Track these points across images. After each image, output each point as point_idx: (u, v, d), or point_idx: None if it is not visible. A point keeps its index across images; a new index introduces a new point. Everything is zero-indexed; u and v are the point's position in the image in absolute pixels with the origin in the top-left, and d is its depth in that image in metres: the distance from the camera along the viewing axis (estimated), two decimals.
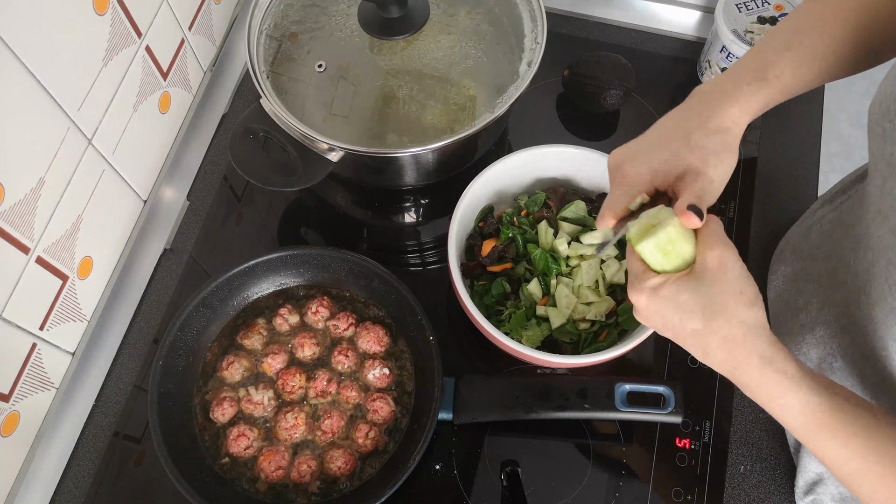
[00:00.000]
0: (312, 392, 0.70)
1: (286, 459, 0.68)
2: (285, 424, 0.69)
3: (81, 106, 0.67)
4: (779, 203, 0.85)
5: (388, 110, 0.76)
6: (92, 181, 0.72)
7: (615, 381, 0.67)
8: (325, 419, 0.69)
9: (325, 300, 0.75)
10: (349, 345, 0.73)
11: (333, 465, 0.67)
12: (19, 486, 0.70)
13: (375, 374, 0.71)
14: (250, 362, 0.72)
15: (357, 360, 0.72)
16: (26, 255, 0.64)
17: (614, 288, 0.72)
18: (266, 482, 0.67)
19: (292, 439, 0.69)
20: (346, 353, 0.72)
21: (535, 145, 0.75)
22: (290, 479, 0.67)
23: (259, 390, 0.70)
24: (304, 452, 0.68)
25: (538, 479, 0.70)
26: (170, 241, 0.83)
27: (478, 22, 0.80)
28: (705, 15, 0.99)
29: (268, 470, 0.67)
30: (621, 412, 0.66)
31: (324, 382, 0.70)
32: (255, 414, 0.70)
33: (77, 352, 0.76)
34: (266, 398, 0.70)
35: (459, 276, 0.68)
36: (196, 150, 0.89)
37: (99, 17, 0.67)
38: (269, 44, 0.79)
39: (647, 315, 0.51)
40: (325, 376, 0.71)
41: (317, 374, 0.71)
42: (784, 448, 0.72)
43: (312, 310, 0.74)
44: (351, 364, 0.71)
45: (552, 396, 0.67)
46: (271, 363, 0.72)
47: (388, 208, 0.87)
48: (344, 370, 0.72)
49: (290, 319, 0.74)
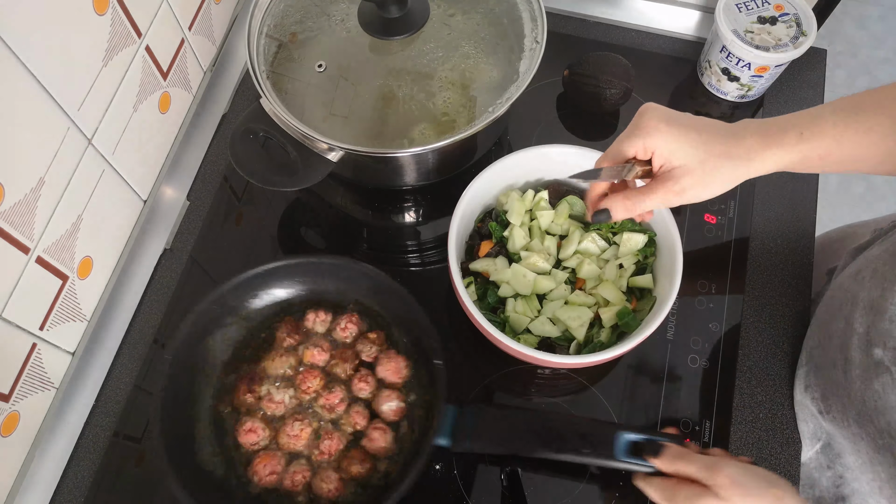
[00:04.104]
0: (323, 401, 0.69)
1: (281, 465, 0.67)
2: (291, 431, 0.68)
3: (81, 106, 0.67)
4: (779, 203, 0.85)
5: (388, 110, 0.76)
6: (92, 181, 0.72)
7: (617, 429, 0.65)
8: (325, 439, 0.68)
9: (355, 316, 0.73)
10: (369, 370, 0.71)
11: (325, 486, 0.66)
12: (19, 486, 0.70)
13: (391, 406, 0.69)
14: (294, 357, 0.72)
15: (375, 387, 0.70)
16: (26, 255, 0.64)
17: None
18: (259, 486, 0.66)
19: (291, 448, 0.68)
20: (366, 380, 0.70)
21: (535, 145, 0.75)
22: (283, 486, 0.66)
23: (280, 389, 0.70)
24: (300, 462, 0.67)
25: (538, 479, 0.70)
26: (170, 241, 0.83)
27: (478, 22, 0.80)
28: (705, 15, 0.99)
29: (262, 473, 0.66)
30: (621, 462, 0.63)
31: (336, 399, 0.69)
32: (277, 413, 0.69)
33: (77, 352, 0.76)
34: (287, 397, 0.69)
35: (459, 276, 0.68)
36: (196, 150, 0.89)
37: (99, 17, 0.67)
38: (269, 44, 0.79)
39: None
40: (340, 394, 0.69)
41: (333, 388, 0.70)
42: (784, 448, 0.72)
43: (342, 325, 0.73)
44: (370, 390, 0.70)
45: (552, 437, 0.65)
46: (316, 355, 0.71)
47: (388, 208, 0.87)
48: (361, 396, 0.70)
49: (319, 328, 0.74)
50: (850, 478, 0.68)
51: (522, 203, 0.75)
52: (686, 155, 0.59)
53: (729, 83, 0.89)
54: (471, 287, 0.73)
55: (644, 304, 0.71)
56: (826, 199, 2.02)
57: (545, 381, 0.76)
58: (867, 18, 2.34)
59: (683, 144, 0.59)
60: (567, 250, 0.73)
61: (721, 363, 0.76)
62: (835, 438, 0.68)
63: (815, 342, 0.72)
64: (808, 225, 0.84)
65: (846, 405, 0.64)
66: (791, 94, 0.93)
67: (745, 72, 0.86)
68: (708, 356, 0.76)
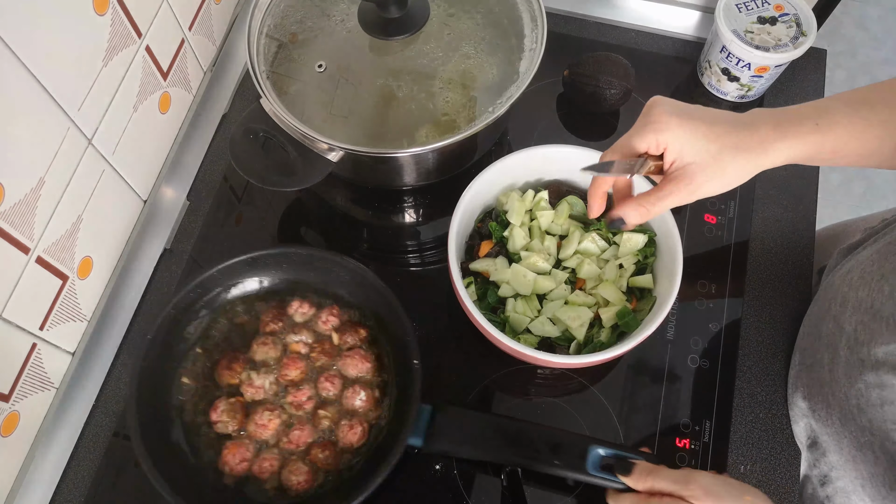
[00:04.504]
0: (291, 398, 0.69)
1: (250, 452, 0.67)
2: (260, 420, 0.68)
3: (81, 106, 0.67)
4: (779, 203, 0.85)
5: (388, 110, 0.76)
6: (92, 181, 0.72)
7: (590, 443, 0.64)
8: (296, 430, 0.68)
9: (336, 309, 0.74)
10: (336, 372, 0.71)
11: (294, 478, 0.66)
12: (19, 486, 0.70)
13: (362, 401, 0.69)
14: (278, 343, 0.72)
15: (342, 385, 0.70)
16: (26, 255, 0.64)
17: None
18: (232, 475, 0.67)
19: (259, 437, 0.68)
20: (335, 378, 0.70)
21: (535, 145, 0.75)
22: (253, 473, 0.67)
23: (260, 375, 0.70)
24: (270, 451, 0.68)
25: (538, 479, 0.70)
26: (170, 241, 0.83)
27: (478, 22, 0.80)
28: (705, 15, 0.99)
29: (232, 462, 0.66)
30: (591, 476, 0.63)
31: (304, 396, 0.69)
32: (256, 397, 0.70)
33: (77, 352, 0.76)
34: (267, 383, 0.70)
35: (459, 276, 0.68)
36: (196, 150, 0.89)
37: (99, 17, 0.67)
38: (269, 44, 0.79)
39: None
40: (308, 392, 0.70)
41: (302, 386, 0.70)
42: (784, 448, 0.72)
43: (323, 318, 0.73)
44: (340, 387, 0.70)
45: (524, 445, 0.65)
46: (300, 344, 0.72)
47: (388, 208, 0.87)
48: (330, 393, 0.70)
49: (301, 318, 0.74)
50: (834, 476, 0.68)
51: (522, 203, 0.75)
52: (699, 149, 0.58)
53: (729, 83, 0.89)
54: (471, 287, 0.73)
55: (644, 304, 0.71)
56: (826, 199, 2.02)
57: (545, 381, 0.76)
58: (867, 18, 2.35)
59: (696, 138, 0.58)
60: (567, 250, 0.73)
61: (721, 363, 0.76)
62: (820, 437, 0.68)
63: (805, 341, 0.72)
64: (809, 225, 0.84)
65: (830, 403, 0.65)
66: (791, 94, 0.93)
67: (745, 72, 0.86)
68: (708, 356, 0.76)
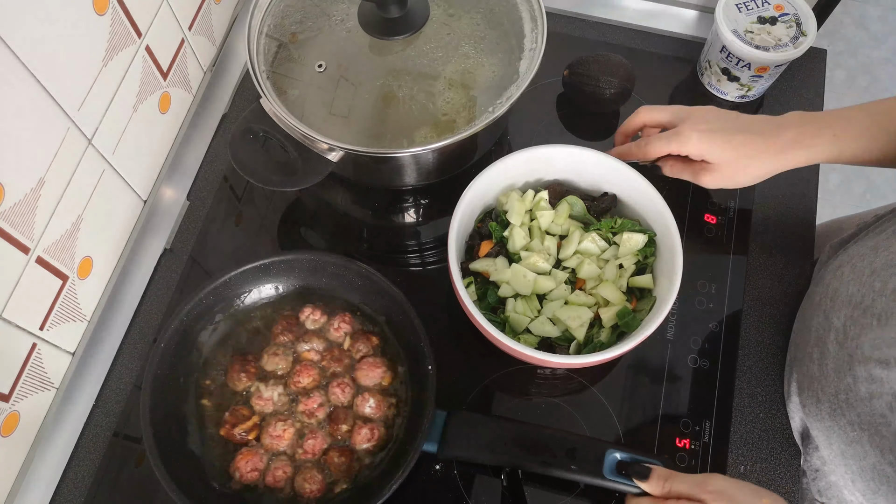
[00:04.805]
0: (302, 406, 0.69)
1: (263, 463, 0.67)
2: (274, 432, 0.68)
3: (81, 106, 0.67)
4: (779, 203, 0.85)
5: (388, 110, 0.76)
6: (92, 181, 0.72)
7: (606, 447, 0.65)
8: (309, 439, 0.68)
9: (348, 316, 0.74)
10: (349, 380, 0.71)
11: (308, 486, 0.66)
12: (19, 486, 0.70)
13: (374, 408, 0.69)
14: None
15: (354, 392, 0.70)
16: (26, 255, 0.64)
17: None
18: (240, 482, 0.67)
19: (275, 448, 0.68)
20: (348, 384, 0.70)
21: (535, 145, 0.75)
22: (265, 483, 0.67)
23: (269, 387, 0.70)
24: (281, 459, 0.68)
25: (538, 479, 0.70)
26: (170, 241, 0.83)
27: (478, 22, 0.80)
28: (705, 15, 0.99)
29: (244, 469, 0.66)
30: (608, 480, 0.63)
31: (315, 404, 0.69)
32: (266, 410, 0.70)
33: (77, 352, 0.76)
34: (276, 395, 0.70)
35: (459, 276, 0.68)
36: (196, 150, 0.89)
37: (99, 17, 0.67)
38: (269, 44, 0.79)
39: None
40: (320, 399, 0.70)
41: (312, 394, 0.70)
42: (784, 448, 0.72)
43: (335, 325, 0.73)
44: (353, 393, 0.70)
45: (540, 451, 0.65)
46: (312, 352, 0.72)
47: (388, 208, 0.87)
48: (343, 400, 0.70)
49: (313, 325, 0.74)
50: (826, 471, 0.69)
51: (522, 203, 0.75)
52: (716, 156, 0.69)
53: (729, 83, 0.89)
54: (471, 287, 0.73)
55: (644, 304, 0.71)
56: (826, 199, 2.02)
57: (545, 381, 0.76)
58: (867, 18, 2.34)
59: (715, 148, 0.68)
60: (567, 250, 0.73)
61: (720, 363, 0.76)
62: (811, 431, 0.69)
63: (797, 336, 0.73)
64: (809, 225, 0.84)
65: (820, 398, 0.65)
66: (791, 94, 0.93)
67: (745, 72, 0.86)
68: (708, 356, 0.76)
